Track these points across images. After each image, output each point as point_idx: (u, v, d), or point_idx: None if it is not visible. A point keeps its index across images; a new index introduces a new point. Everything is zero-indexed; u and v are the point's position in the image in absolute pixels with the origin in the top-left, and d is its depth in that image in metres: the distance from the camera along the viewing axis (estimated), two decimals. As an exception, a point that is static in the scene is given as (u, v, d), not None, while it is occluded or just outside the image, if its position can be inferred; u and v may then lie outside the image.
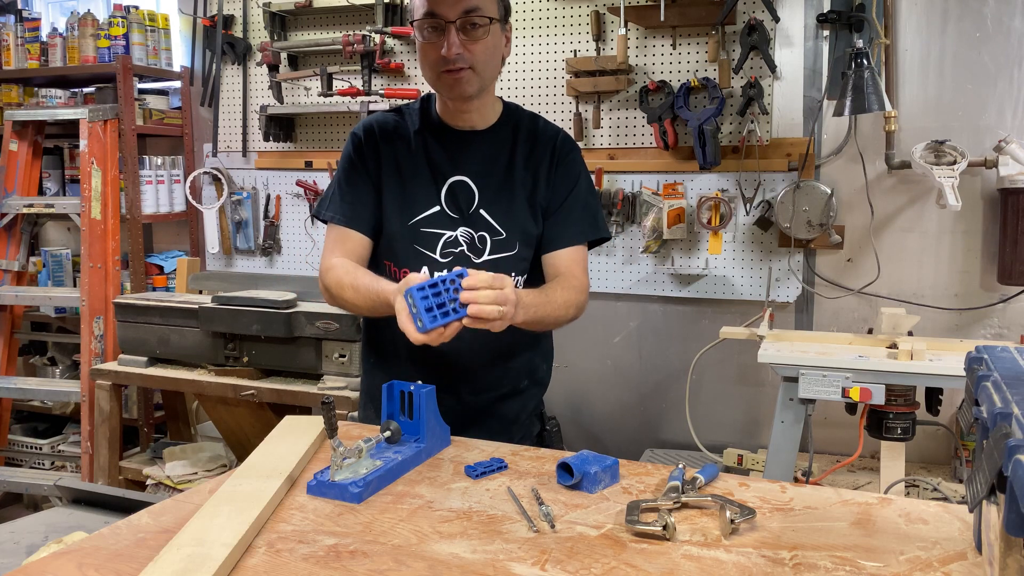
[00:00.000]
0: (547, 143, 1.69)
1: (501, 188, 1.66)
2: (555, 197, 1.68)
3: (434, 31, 1.54)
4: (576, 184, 1.69)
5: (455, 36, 1.53)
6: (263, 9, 3.30)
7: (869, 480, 2.44)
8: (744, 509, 1.14)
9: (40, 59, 3.66)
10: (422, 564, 1.04)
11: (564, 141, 1.71)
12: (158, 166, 3.50)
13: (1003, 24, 2.52)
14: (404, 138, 1.68)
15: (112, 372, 3.02)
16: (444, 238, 1.65)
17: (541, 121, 1.73)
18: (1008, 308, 2.59)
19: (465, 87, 1.57)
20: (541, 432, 1.83)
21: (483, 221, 1.65)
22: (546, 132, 1.71)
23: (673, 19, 2.75)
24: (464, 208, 1.65)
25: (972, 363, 1.02)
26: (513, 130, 1.69)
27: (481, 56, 1.56)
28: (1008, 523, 0.77)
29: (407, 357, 1.67)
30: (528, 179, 1.67)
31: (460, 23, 1.52)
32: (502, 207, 1.65)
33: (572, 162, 1.70)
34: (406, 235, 1.65)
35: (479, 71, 1.57)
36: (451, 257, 1.64)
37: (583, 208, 1.69)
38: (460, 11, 1.52)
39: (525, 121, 1.71)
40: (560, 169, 1.68)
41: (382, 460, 1.33)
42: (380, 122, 1.70)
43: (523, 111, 1.74)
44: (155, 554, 1.04)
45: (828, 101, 2.63)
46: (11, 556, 1.46)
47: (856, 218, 2.71)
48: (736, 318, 2.82)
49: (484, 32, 1.55)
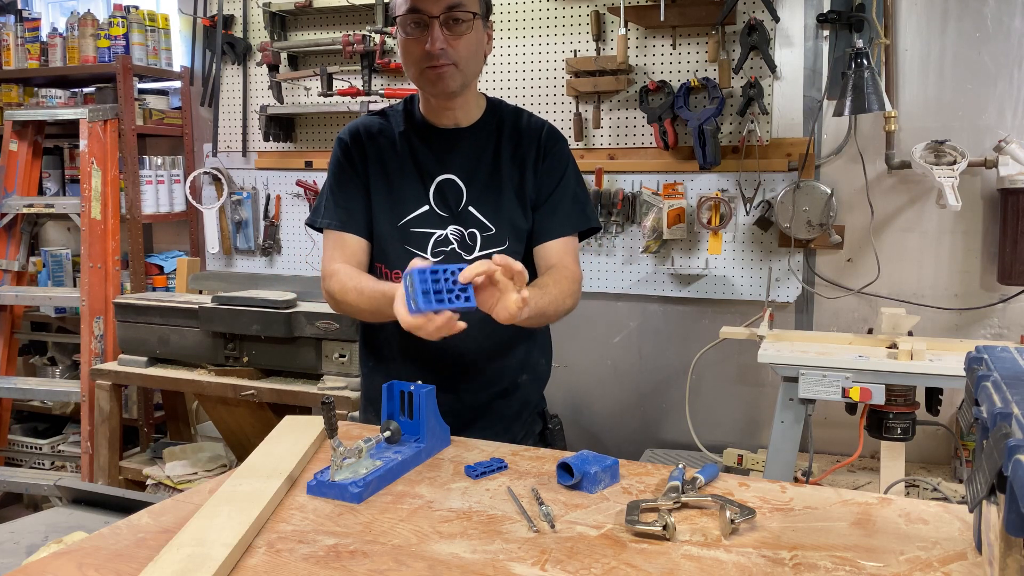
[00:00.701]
0: (532, 137, 1.69)
1: (488, 184, 1.66)
2: (543, 189, 1.68)
3: (417, 27, 1.54)
4: (564, 175, 1.69)
5: (439, 31, 1.53)
6: (263, 9, 3.30)
7: (869, 480, 2.44)
8: (744, 509, 1.14)
9: (40, 59, 3.66)
10: (422, 564, 1.04)
11: (549, 134, 1.71)
12: (158, 166, 3.50)
13: (1003, 24, 2.52)
14: (389, 139, 1.69)
15: (112, 372, 3.02)
16: (434, 237, 1.65)
17: (525, 115, 1.73)
18: (1008, 308, 2.59)
19: (448, 82, 1.57)
20: (543, 430, 1.83)
21: (472, 218, 1.65)
22: (531, 126, 1.71)
23: (673, 19, 2.75)
24: (453, 206, 1.65)
25: (972, 363, 1.02)
26: (498, 126, 1.69)
27: (464, 52, 1.56)
28: (1008, 523, 0.77)
29: (403, 357, 1.67)
30: (515, 173, 1.67)
31: (443, 18, 1.53)
32: (490, 203, 1.66)
33: (558, 154, 1.70)
34: (396, 236, 1.66)
35: (462, 67, 1.57)
36: (442, 256, 1.65)
37: (571, 199, 1.69)
38: (444, 7, 1.52)
39: (509, 116, 1.71)
40: (547, 162, 1.68)
41: (382, 460, 1.33)
42: (365, 125, 1.71)
43: (507, 106, 1.74)
44: (155, 554, 1.04)
45: (828, 101, 2.63)
46: (11, 556, 1.46)
47: (856, 218, 2.71)
48: (736, 318, 2.82)
49: (467, 27, 1.55)
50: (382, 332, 1.70)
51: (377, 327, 1.69)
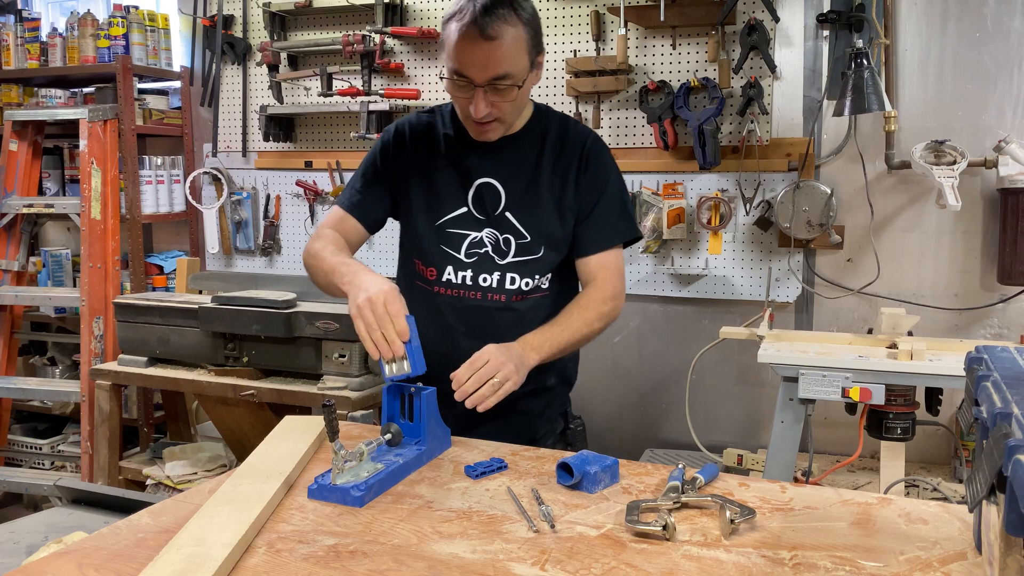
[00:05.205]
0: (576, 147, 1.68)
1: (527, 191, 1.66)
2: (585, 201, 1.68)
3: (462, 88, 1.54)
4: (606, 187, 1.69)
5: (482, 98, 1.52)
6: (263, 9, 3.30)
7: (869, 480, 2.44)
8: (744, 509, 1.14)
9: (40, 59, 3.66)
10: (422, 564, 1.04)
11: (593, 144, 1.70)
12: (158, 166, 3.50)
13: (1003, 24, 2.52)
14: (435, 140, 1.70)
15: (112, 372, 3.01)
16: (469, 239, 1.66)
17: (571, 123, 1.72)
18: (1008, 308, 2.59)
19: (491, 135, 1.61)
20: (565, 430, 1.83)
21: (508, 224, 1.66)
22: (575, 135, 1.70)
23: (673, 19, 2.74)
24: (490, 210, 1.66)
25: (972, 363, 1.02)
26: (542, 133, 1.69)
27: (509, 110, 1.57)
28: (1008, 523, 0.77)
29: (435, 350, 1.68)
30: (556, 183, 1.67)
31: (488, 87, 1.52)
32: (528, 210, 1.66)
33: (601, 165, 1.69)
34: (432, 235, 1.68)
35: (507, 120, 1.60)
36: (475, 258, 1.66)
37: (613, 211, 1.70)
38: (488, 77, 1.51)
39: (555, 124, 1.71)
40: (588, 172, 1.68)
41: (383, 463, 1.33)
42: (412, 125, 1.73)
43: (553, 113, 1.73)
44: (155, 554, 1.04)
45: (828, 101, 2.62)
46: (11, 556, 1.46)
47: (856, 218, 2.71)
48: (736, 318, 2.82)
49: (513, 92, 1.54)
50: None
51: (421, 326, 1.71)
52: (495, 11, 1.46)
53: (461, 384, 1.42)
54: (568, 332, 1.60)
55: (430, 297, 1.71)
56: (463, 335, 1.68)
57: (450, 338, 1.68)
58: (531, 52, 1.55)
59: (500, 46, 1.48)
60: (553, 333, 1.59)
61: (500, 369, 1.43)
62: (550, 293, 1.72)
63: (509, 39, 1.49)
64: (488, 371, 1.43)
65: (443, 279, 1.69)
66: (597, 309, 1.64)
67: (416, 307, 1.71)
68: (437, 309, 1.70)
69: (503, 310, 1.67)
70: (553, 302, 1.71)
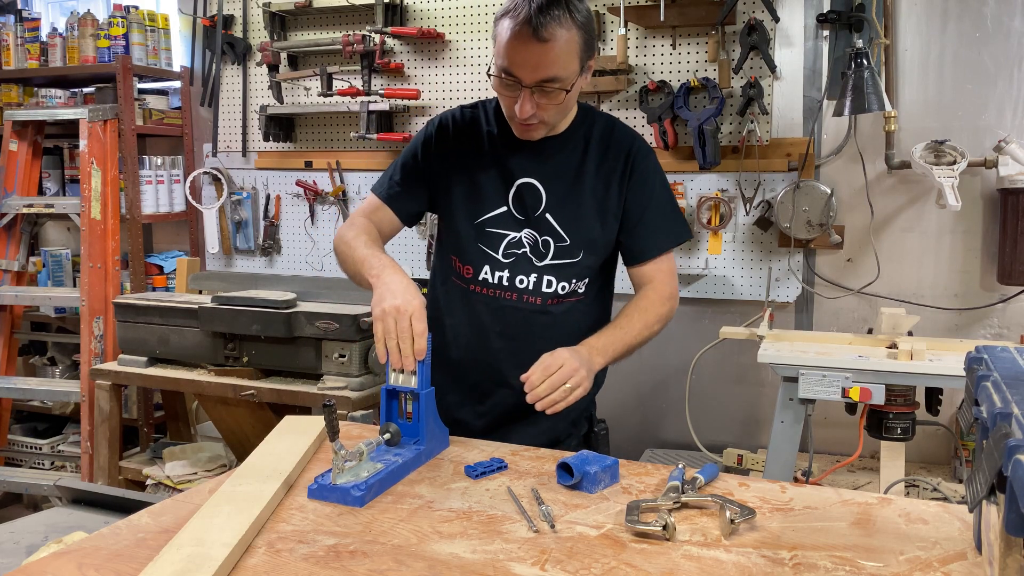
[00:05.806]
0: (620, 150, 1.66)
1: (569, 193, 1.64)
2: (633, 208, 1.66)
3: (510, 87, 1.51)
4: (654, 192, 1.67)
5: (528, 100, 1.49)
6: (263, 9, 3.30)
7: (869, 480, 2.44)
8: (744, 509, 1.14)
9: (40, 59, 3.66)
10: (422, 564, 1.04)
11: (639, 149, 1.67)
12: (158, 166, 3.50)
13: (1003, 24, 2.52)
14: (478, 137, 1.68)
15: (112, 372, 3.01)
16: (508, 239, 1.65)
17: (618, 126, 1.70)
18: (1008, 308, 2.59)
19: (534, 134, 1.59)
20: (589, 433, 1.83)
21: (548, 225, 1.64)
22: (620, 139, 1.67)
23: (673, 19, 2.74)
24: (530, 211, 1.64)
25: (972, 363, 1.02)
26: (586, 135, 1.66)
27: (554, 113, 1.55)
28: (1008, 523, 0.77)
29: (467, 347, 1.70)
30: (599, 186, 1.65)
31: (535, 88, 1.49)
32: (568, 213, 1.64)
33: (647, 170, 1.67)
34: (472, 233, 1.66)
35: (551, 121, 1.57)
36: (513, 258, 1.65)
37: (664, 215, 1.69)
38: (537, 79, 1.48)
39: (600, 126, 1.68)
40: (634, 178, 1.65)
41: (383, 463, 1.33)
42: (456, 119, 1.70)
43: (599, 115, 1.71)
44: (155, 554, 1.04)
45: (828, 101, 2.62)
46: (11, 556, 1.46)
47: (856, 218, 2.71)
48: (736, 318, 2.81)
49: (560, 96, 1.51)
50: (449, 332, 1.72)
51: (447, 324, 1.71)
52: (550, 11, 1.42)
53: (534, 387, 1.41)
54: (631, 334, 1.59)
55: (465, 295, 1.69)
56: (497, 335, 1.67)
57: (483, 337, 1.67)
58: (583, 56, 1.51)
59: (552, 48, 1.44)
60: (616, 336, 1.58)
61: (573, 375, 1.43)
62: (586, 298, 1.70)
63: (562, 42, 1.45)
64: (562, 376, 1.42)
65: (480, 278, 1.67)
66: (656, 311, 1.64)
67: (451, 303, 1.71)
68: (472, 307, 1.69)
69: (538, 313, 1.66)
70: (589, 307, 1.71)
